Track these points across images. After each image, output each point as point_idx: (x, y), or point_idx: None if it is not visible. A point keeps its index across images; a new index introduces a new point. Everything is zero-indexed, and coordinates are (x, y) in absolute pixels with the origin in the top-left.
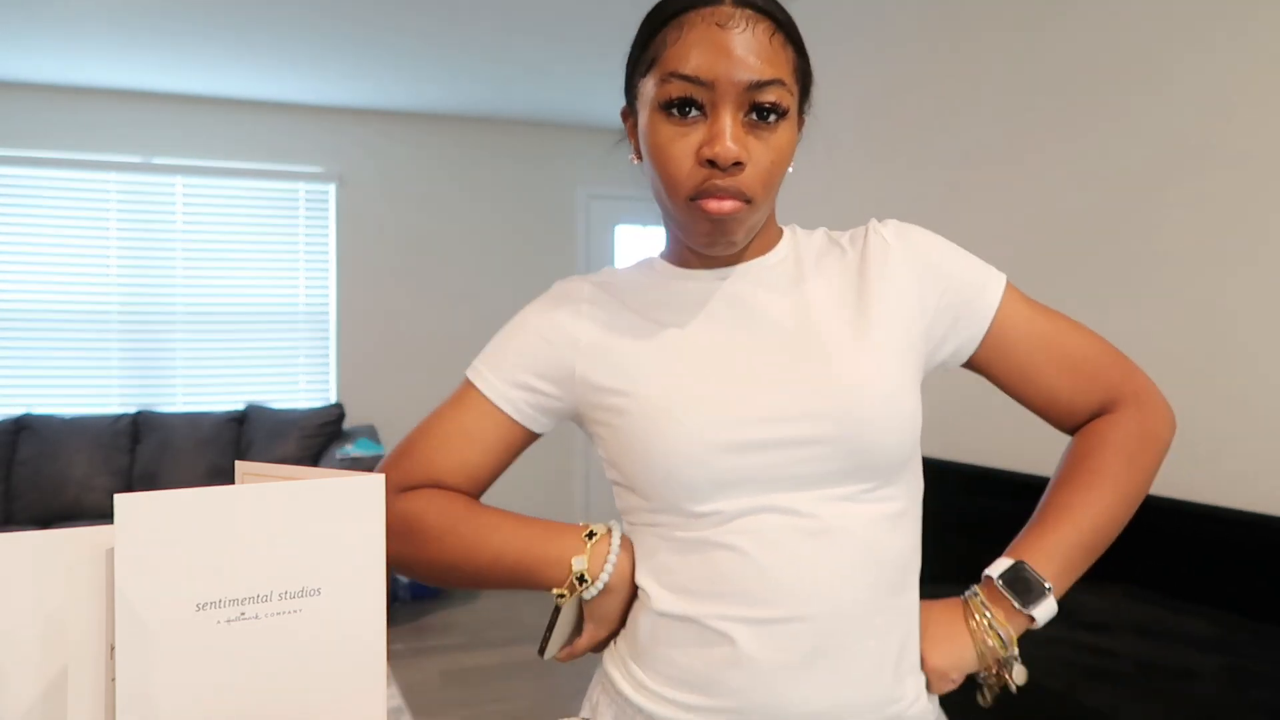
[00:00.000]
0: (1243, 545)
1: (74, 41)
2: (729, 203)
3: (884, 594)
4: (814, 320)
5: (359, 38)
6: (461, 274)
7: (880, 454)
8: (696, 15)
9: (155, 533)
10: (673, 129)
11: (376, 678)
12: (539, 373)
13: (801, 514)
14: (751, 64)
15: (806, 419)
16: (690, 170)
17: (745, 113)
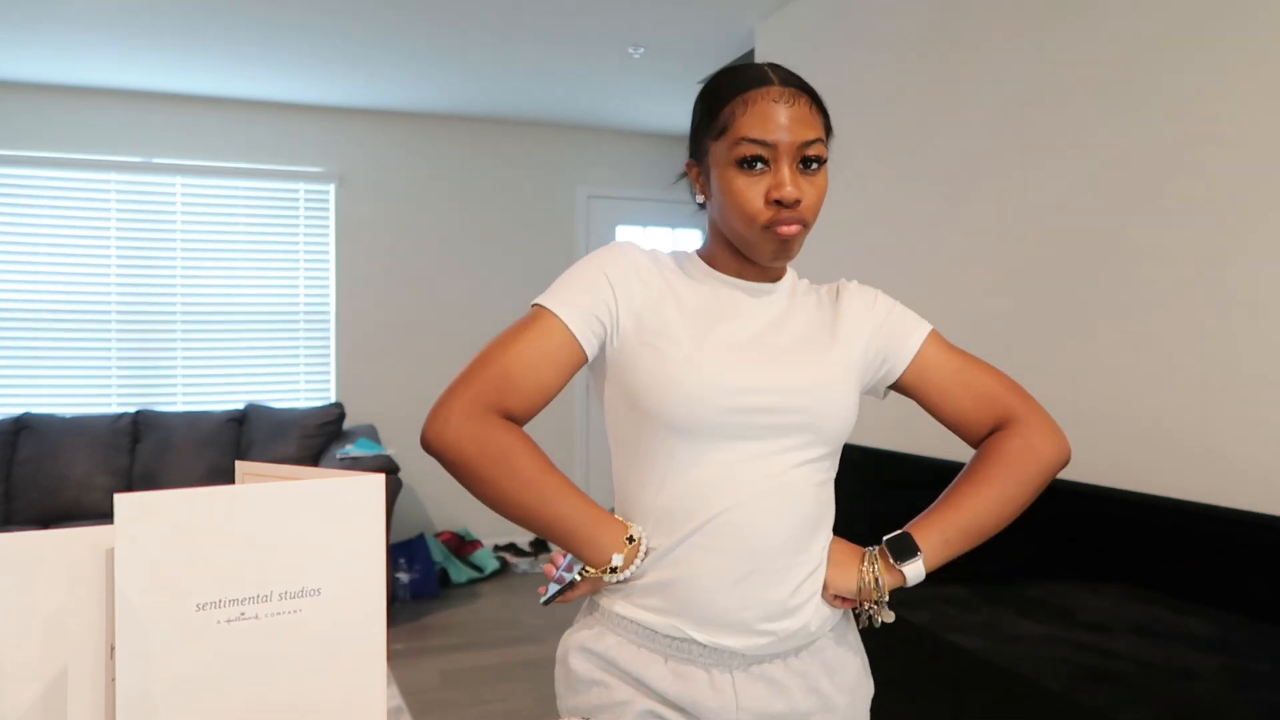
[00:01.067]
0: (1243, 545)
1: (74, 41)
2: (794, 227)
3: (806, 536)
4: (802, 333)
5: (359, 38)
6: (461, 274)
7: (829, 429)
8: (756, 94)
9: (155, 533)
10: (746, 179)
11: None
12: (604, 308)
13: (767, 461)
14: (800, 130)
15: (793, 391)
16: (761, 209)
17: (797, 163)
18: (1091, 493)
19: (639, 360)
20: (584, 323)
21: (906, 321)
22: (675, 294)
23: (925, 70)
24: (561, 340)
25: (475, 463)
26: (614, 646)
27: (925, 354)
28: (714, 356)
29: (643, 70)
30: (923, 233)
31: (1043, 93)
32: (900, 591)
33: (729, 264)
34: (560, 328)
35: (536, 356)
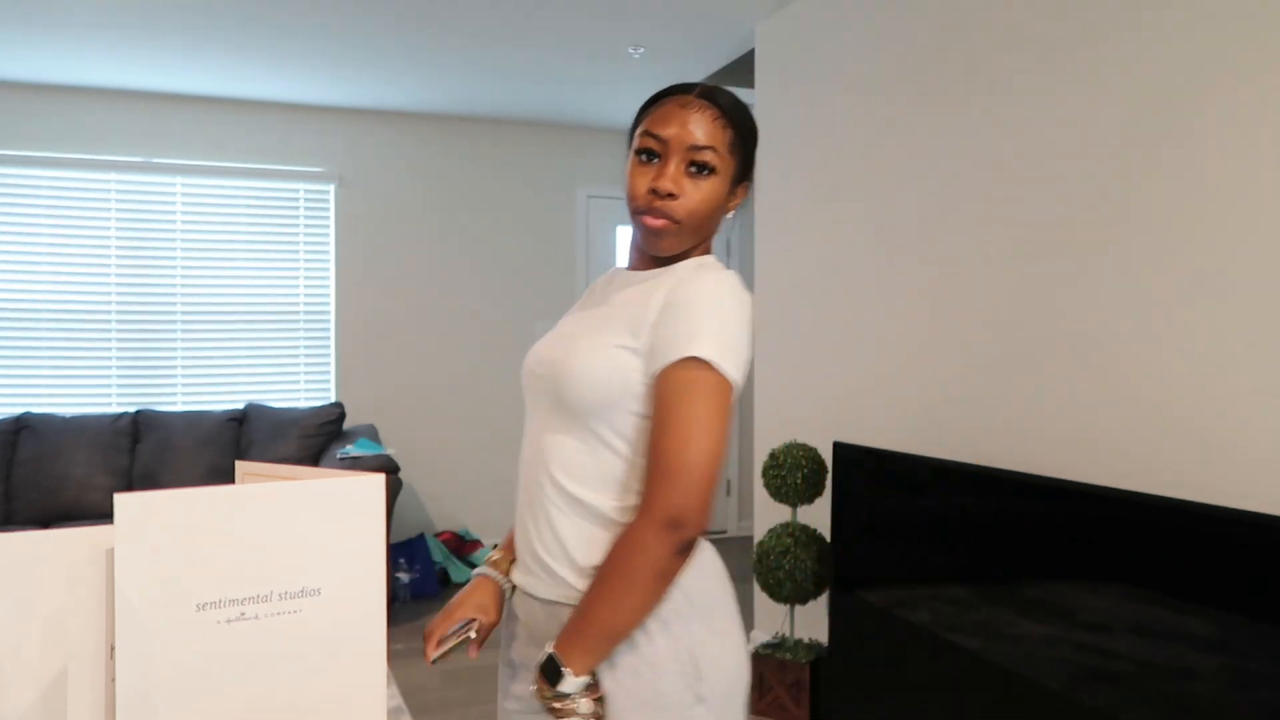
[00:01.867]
0: (1243, 545)
1: (74, 41)
2: (660, 221)
3: (562, 494)
4: (607, 315)
5: (359, 38)
6: (461, 274)
7: (563, 396)
8: (672, 100)
9: (155, 533)
10: (638, 167)
11: (376, 678)
12: None
13: (532, 426)
14: (693, 133)
15: (545, 364)
16: (640, 194)
17: (687, 165)
18: (1091, 493)
19: None
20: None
21: (681, 334)
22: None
23: (926, 69)
24: None
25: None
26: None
27: (666, 377)
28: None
29: (643, 70)
30: (917, 232)
31: (1044, 93)
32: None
33: (634, 258)
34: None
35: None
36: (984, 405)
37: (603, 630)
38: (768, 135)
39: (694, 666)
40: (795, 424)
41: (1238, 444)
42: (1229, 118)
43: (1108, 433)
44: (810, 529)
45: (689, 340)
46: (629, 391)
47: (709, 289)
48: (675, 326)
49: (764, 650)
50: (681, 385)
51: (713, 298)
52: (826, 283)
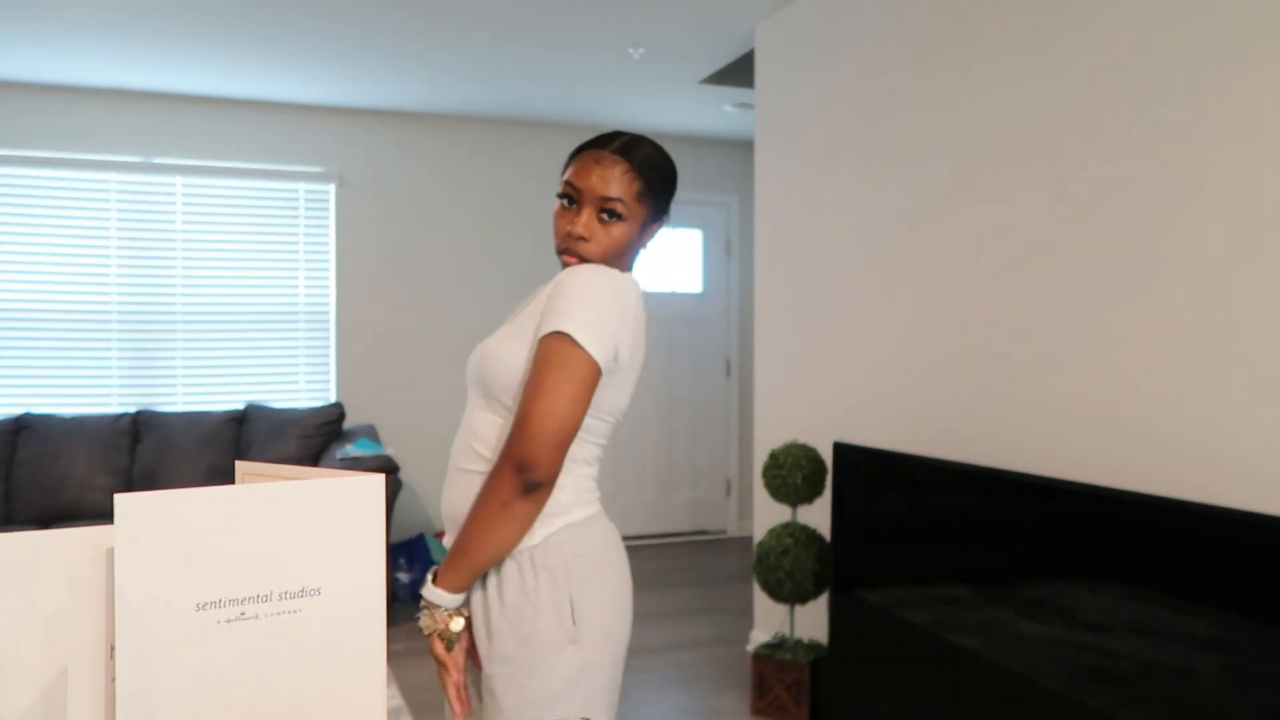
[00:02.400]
0: (1243, 545)
1: (74, 41)
2: (572, 260)
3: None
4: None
5: (359, 38)
6: (461, 274)
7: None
8: (589, 153)
9: (155, 533)
10: (561, 211)
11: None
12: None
13: (467, 408)
14: (603, 187)
15: (474, 360)
16: (561, 237)
17: (599, 211)
18: (1091, 493)
19: None
20: None
21: (551, 314)
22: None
23: (925, 69)
24: None
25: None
26: None
27: (537, 348)
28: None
29: (643, 70)
30: (918, 232)
31: (1043, 92)
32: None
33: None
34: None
35: None
36: (984, 405)
37: (465, 555)
38: (768, 135)
39: (570, 611)
40: (795, 424)
41: (1238, 444)
42: (1239, 114)
43: (1108, 433)
44: (810, 529)
45: (556, 319)
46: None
47: (581, 278)
48: (550, 308)
49: (764, 650)
50: (543, 355)
51: (581, 285)
52: (826, 283)
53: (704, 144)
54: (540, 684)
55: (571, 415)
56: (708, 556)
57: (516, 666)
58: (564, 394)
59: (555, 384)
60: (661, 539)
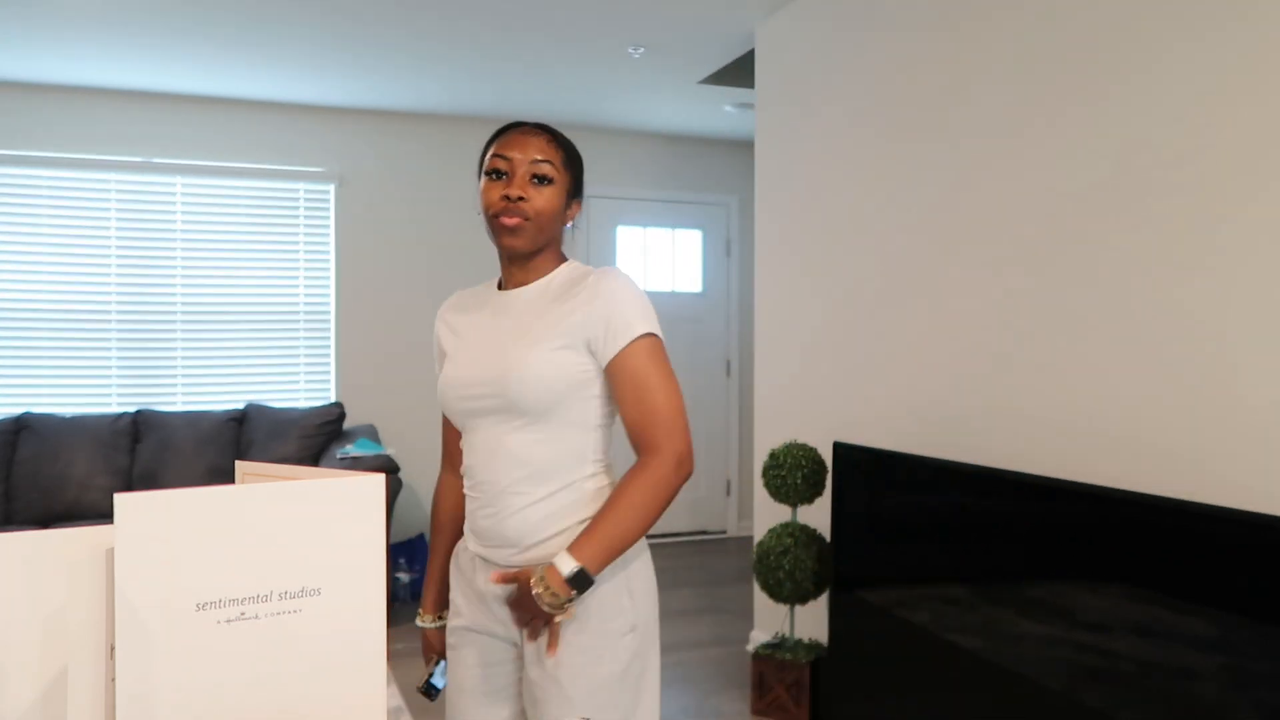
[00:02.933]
0: (1243, 545)
1: (74, 41)
2: (514, 219)
3: (526, 482)
4: (518, 328)
5: (359, 38)
6: (461, 274)
7: (518, 407)
8: (512, 130)
9: (155, 533)
10: (490, 184)
11: (376, 678)
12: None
13: (486, 435)
14: (531, 152)
15: (482, 384)
16: (494, 202)
17: (530, 177)
18: (1091, 493)
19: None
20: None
21: (619, 319)
22: (453, 323)
23: (924, 69)
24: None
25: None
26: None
27: (626, 356)
28: (456, 364)
29: (643, 70)
30: (917, 232)
31: (1039, 98)
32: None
33: (505, 275)
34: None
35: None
36: (984, 405)
37: (619, 546)
38: (768, 135)
39: (629, 597)
40: (795, 424)
41: (1238, 444)
42: (1238, 117)
43: (1108, 433)
44: (810, 529)
45: (636, 323)
46: (575, 383)
47: (622, 282)
48: (617, 317)
49: (764, 650)
50: (644, 358)
51: (629, 287)
52: (826, 282)
53: (704, 144)
54: (607, 669)
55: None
56: (708, 556)
57: (586, 655)
58: (675, 387)
59: (668, 380)
60: (662, 539)
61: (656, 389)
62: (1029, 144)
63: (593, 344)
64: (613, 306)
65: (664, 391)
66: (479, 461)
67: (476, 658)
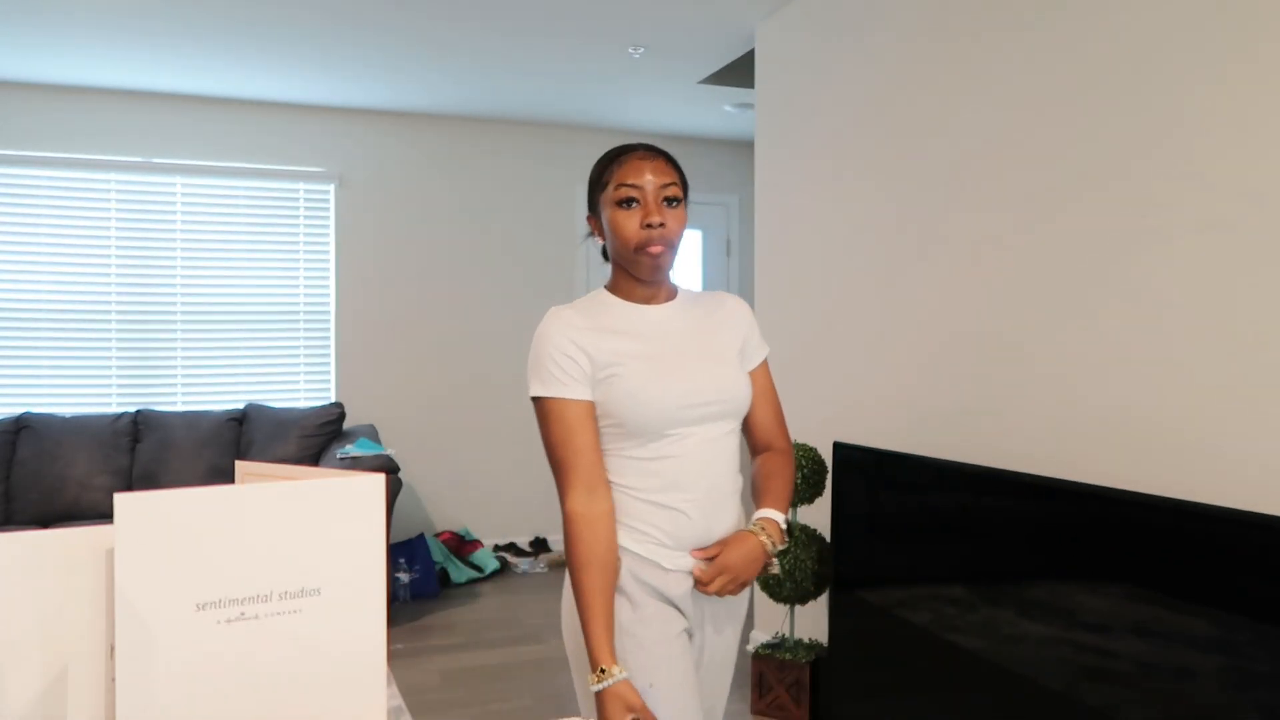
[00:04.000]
0: (1243, 545)
1: (74, 41)
2: (659, 248)
3: (733, 480)
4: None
5: (359, 38)
6: (461, 274)
7: (739, 411)
8: (629, 156)
9: (155, 533)
10: (624, 214)
11: (376, 678)
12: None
13: (702, 439)
14: (659, 178)
15: (710, 393)
16: (635, 233)
17: (661, 201)
18: (1091, 493)
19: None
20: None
21: (754, 338)
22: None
23: (924, 69)
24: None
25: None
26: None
27: (764, 366)
28: (649, 380)
29: (643, 70)
30: (920, 230)
31: (1041, 91)
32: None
33: (634, 292)
34: (563, 403)
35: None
36: (984, 405)
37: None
38: (768, 135)
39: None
40: (794, 424)
41: (1238, 444)
42: (1237, 111)
43: (1109, 433)
44: (810, 529)
45: (762, 344)
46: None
47: (747, 306)
48: (754, 337)
49: (764, 650)
50: (768, 372)
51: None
52: (826, 282)
53: (704, 144)
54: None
55: None
56: None
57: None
58: None
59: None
60: None
61: (777, 398)
62: (1030, 142)
63: (747, 355)
64: (754, 326)
65: (779, 400)
66: (692, 468)
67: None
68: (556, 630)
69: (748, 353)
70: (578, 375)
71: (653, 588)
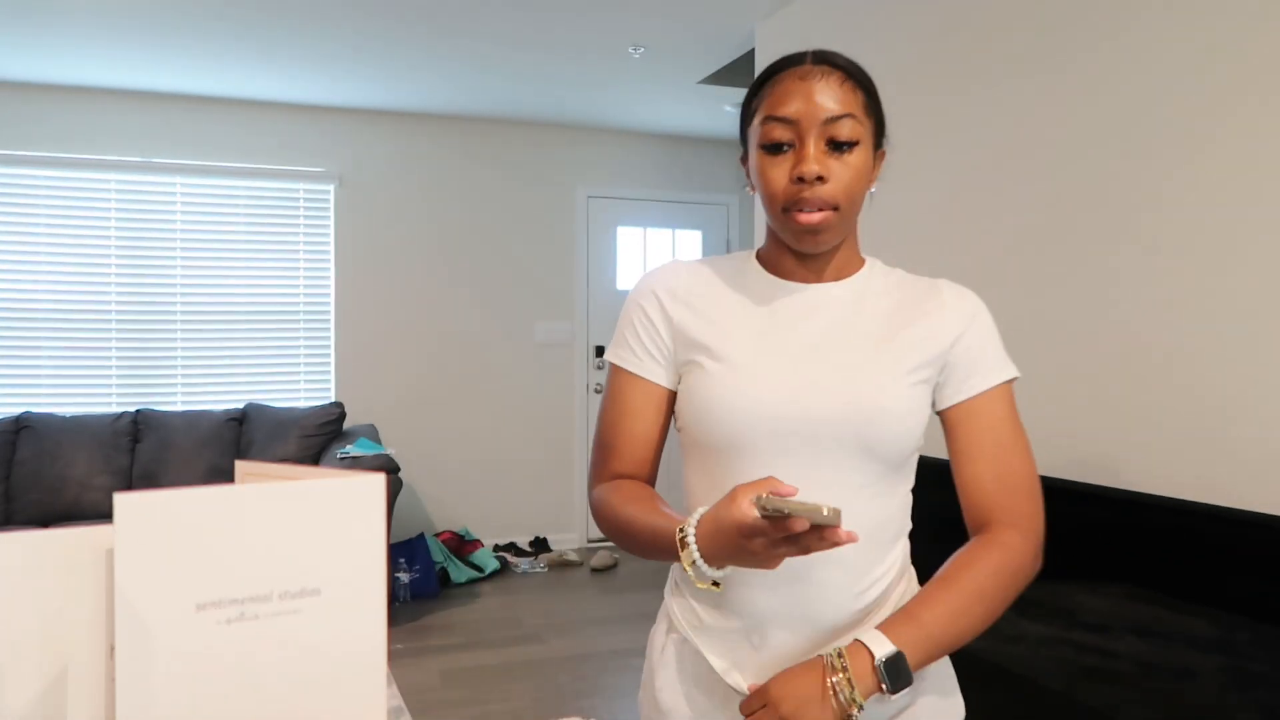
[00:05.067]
0: (1243, 545)
1: (74, 41)
2: (817, 215)
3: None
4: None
5: (359, 38)
6: (461, 274)
7: (885, 442)
8: (785, 74)
9: (155, 533)
10: (770, 159)
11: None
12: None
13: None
14: (826, 104)
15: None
16: (785, 188)
17: (826, 141)
18: (1091, 493)
19: (686, 379)
20: (647, 360)
21: (989, 355)
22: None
23: (924, 68)
24: (634, 388)
25: (606, 530)
26: None
27: (987, 400)
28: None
29: (643, 70)
30: (922, 234)
31: (1051, 89)
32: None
33: (783, 262)
34: (626, 377)
35: (618, 416)
36: None
37: (949, 643)
38: None
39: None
40: None
41: (1238, 444)
42: (1246, 112)
43: (1108, 432)
44: None
45: (1003, 363)
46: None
47: (985, 308)
48: (986, 351)
49: None
50: (1009, 405)
51: (989, 315)
52: None
53: (704, 144)
54: None
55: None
56: None
57: None
58: (1031, 449)
59: (1026, 440)
60: None
61: (1022, 449)
62: (1032, 140)
63: (945, 376)
64: (987, 334)
65: (1028, 454)
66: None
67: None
68: (556, 630)
69: (958, 368)
70: (655, 352)
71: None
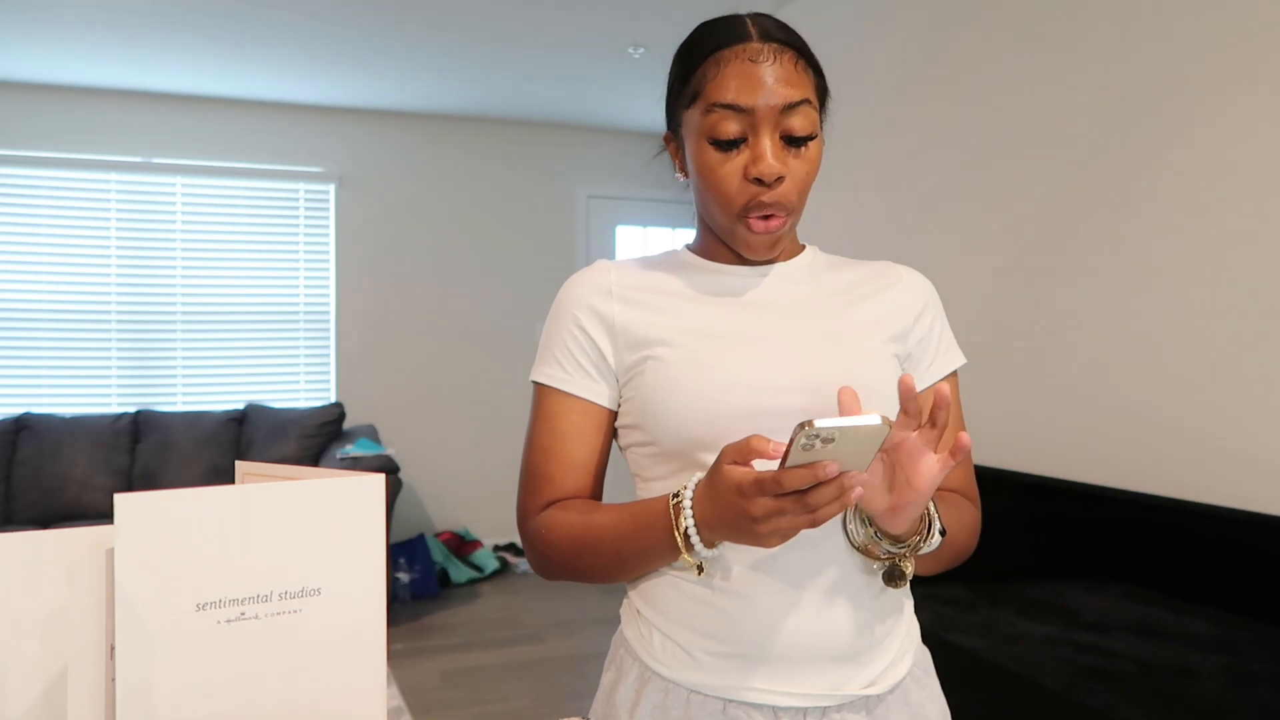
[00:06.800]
0: (1243, 545)
1: (74, 41)
2: (775, 221)
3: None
4: (820, 319)
5: (359, 38)
6: (461, 274)
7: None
8: (730, 52)
9: (155, 533)
10: (720, 155)
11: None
12: (584, 351)
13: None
14: (781, 91)
15: (812, 375)
16: (739, 188)
17: (779, 134)
18: (1092, 493)
19: (638, 381)
20: (580, 377)
21: (946, 336)
22: (666, 297)
23: (925, 66)
24: (570, 408)
25: (560, 557)
26: None
27: (950, 383)
28: (727, 347)
29: (643, 70)
30: (921, 230)
31: (1041, 87)
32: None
33: (721, 255)
34: (558, 397)
35: (553, 441)
36: (983, 404)
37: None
38: None
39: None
40: None
41: (1238, 443)
42: (1232, 111)
43: (1108, 432)
44: None
45: (955, 345)
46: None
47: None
48: (945, 332)
49: None
50: (955, 392)
51: (927, 285)
52: None
53: None
54: None
55: None
56: None
57: None
58: None
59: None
60: None
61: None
62: (1032, 140)
63: (914, 357)
64: (940, 317)
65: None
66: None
67: None
68: (556, 630)
69: (920, 352)
70: (590, 367)
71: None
